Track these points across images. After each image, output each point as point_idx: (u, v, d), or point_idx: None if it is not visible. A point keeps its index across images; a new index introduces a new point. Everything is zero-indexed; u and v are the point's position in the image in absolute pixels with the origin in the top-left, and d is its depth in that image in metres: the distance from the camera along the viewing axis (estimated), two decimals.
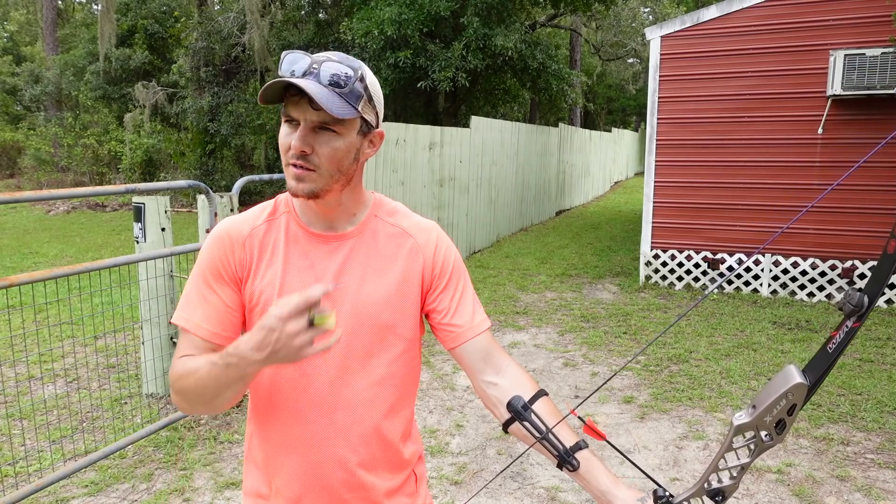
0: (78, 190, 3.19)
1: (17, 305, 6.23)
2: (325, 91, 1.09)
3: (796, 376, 0.99)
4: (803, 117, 6.75)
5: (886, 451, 3.64)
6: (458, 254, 1.34)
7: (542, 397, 1.22)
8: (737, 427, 1.02)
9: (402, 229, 1.29)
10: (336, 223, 1.24)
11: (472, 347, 1.27)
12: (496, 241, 10.79)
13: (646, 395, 4.43)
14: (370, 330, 1.23)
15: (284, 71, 1.12)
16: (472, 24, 10.68)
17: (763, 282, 7.07)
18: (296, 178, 1.15)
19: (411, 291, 1.27)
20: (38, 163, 20.25)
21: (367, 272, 1.24)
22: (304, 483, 1.24)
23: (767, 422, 1.01)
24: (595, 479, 1.15)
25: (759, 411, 1.01)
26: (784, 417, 1.01)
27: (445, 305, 1.28)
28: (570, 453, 1.15)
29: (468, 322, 1.28)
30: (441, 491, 3.26)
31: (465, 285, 1.31)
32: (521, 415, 1.17)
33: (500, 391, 1.24)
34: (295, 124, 1.13)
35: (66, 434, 3.84)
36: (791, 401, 0.99)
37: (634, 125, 34.86)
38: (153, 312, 4.11)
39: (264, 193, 15.39)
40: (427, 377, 4.78)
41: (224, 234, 1.24)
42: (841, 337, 1.01)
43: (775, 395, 1.00)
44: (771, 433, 1.02)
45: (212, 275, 1.22)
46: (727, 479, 1.06)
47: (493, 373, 1.26)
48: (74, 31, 27.60)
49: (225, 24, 14.55)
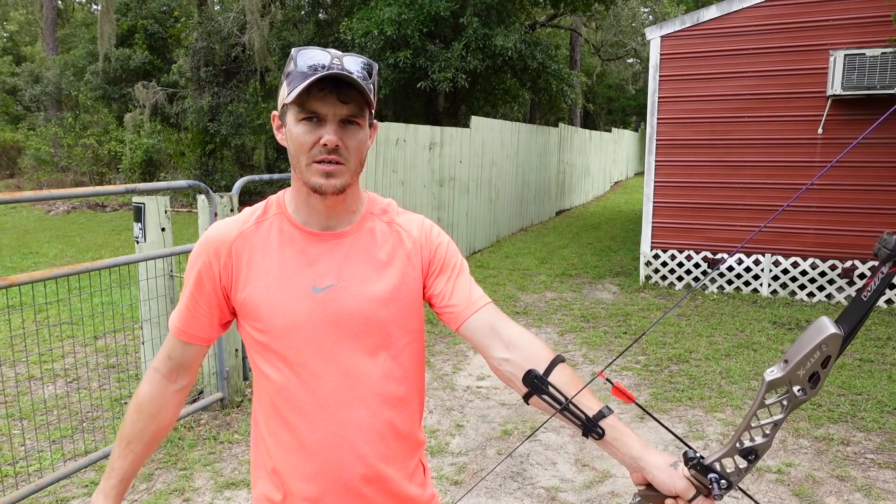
0: (78, 190, 3.19)
1: (17, 305, 6.23)
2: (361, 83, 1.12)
3: (830, 327, 0.94)
4: (803, 117, 6.75)
5: (886, 451, 3.64)
6: (451, 241, 1.35)
7: (559, 364, 1.18)
8: (769, 383, 0.97)
9: (397, 224, 1.30)
10: (335, 221, 1.24)
11: (475, 324, 1.25)
12: (496, 241, 10.79)
13: (646, 395, 4.43)
14: (375, 326, 1.23)
15: (302, 67, 1.11)
16: (472, 24, 10.67)
17: (763, 282, 7.07)
18: (326, 175, 1.15)
19: (412, 284, 1.27)
20: (38, 163, 20.24)
21: (368, 269, 1.24)
22: (324, 483, 1.23)
23: (801, 375, 0.96)
24: (624, 446, 1.10)
25: (792, 365, 0.96)
26: (818, 370, 0.96)
27: (442, 289, 1.28)
28: (594, 422, 1.11)
29: (466, 300, 1.26)
30: (441, 491, 3.25)
31: (460, 268, 1.31)
32: (539, 388, 1.13)
33: (513, 366, 1.20)
34: (316, 121, 1.13)
35: (66, 434, 3.83)
36: (826, 352, 0.95)
37: (634, 125, 34.86)
38: (153, 312, 4.11)
39: (264, 193, 15.38)
40: (427, 377, 4.78)
41: (209, 240, 1.25)
42: (876, 284, 0.96)
43: (809, 348, 0.95)
44: (804, 387, 0.97)
45: (193, 282, 1.26)
46: (760, 437, 1.03)
47: (504, 348, 1.22)
48: (74, 31, 27.61)
49: (225, 24, 14.55)
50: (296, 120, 1.14)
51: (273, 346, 1.22)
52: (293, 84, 1.13)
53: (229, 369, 4.14)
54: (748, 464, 1.03)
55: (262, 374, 1.25)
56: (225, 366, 4.12)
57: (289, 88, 1.14)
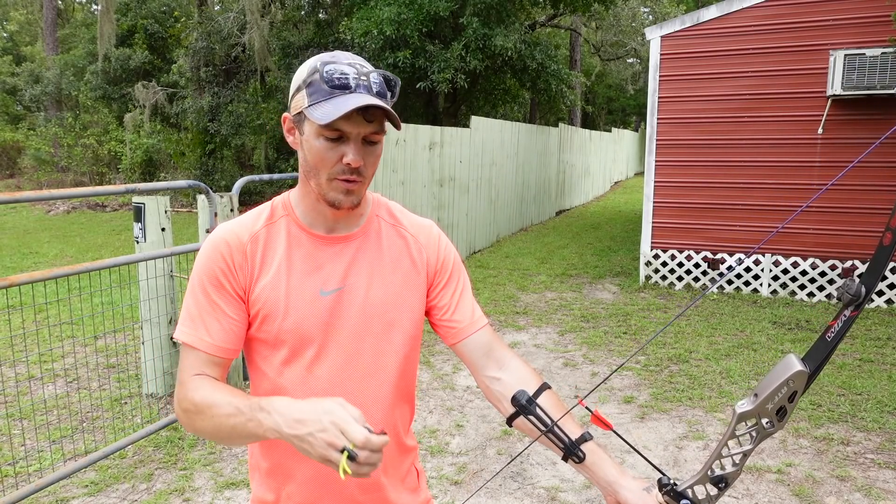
0: (78, 190, 3.19)
1: (17, 305, 6.23)
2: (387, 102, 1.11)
3: (797, 364, 1.02)
4: (803, 117, 6.75)
5: (886, 451, 3.64)
6: (456, 252, 1.36)
7: (546, 391, 1.22)
8: (739, 415, 1.04)
9: (404, 228, 1.30)
10: (342, 224, 1.24)
11: (473, 343, 1.28)
12: (496, 241, 10.79)
13: (646, 395, 4.43)
14: (378, 330, 1.23)
15: (328, 81, 1.09)
16: (472, 24, 10.67)
17: (763, 282, 7.07)
18: (346, 192, 1.14)
19: (416, 289, 1.28)
20: (38, 163, 20.24)
21: (374, 273, 1.24)
22: (318, 488, 1.24)
23: (769, 409, 1.03)
24: (601, 470, 1.15)
25: (761, 399, 1.03)
26: (785, 404, 1.03)
27: (446, 302, 1.29)
28: (575, 445, 1.16)
29: (468, 318, 1.29)
30: (441, 491, 3.26)
31: (464, 283, 1.33)
32: (526, 409, 1.17)
33: (503, 386, 1.25)
34: (339, 139, 1.11)
35: (66, 434, 3.83)
36: (792, 388, 1.02)
37: (634, 125, 34.85)
38: (153, 312, 4.11)
39: (264, 193, 15.38)
40: (427, 377, 4.78)
41: (222, 241, 1.20)
42: (839, 326, 1.03)
43: (777, 383, 1.02)
44: (772, 420, 1.04)
45: (212, 285, 1.18)
46: (730, 465, 1.08)
47: (496, 368, 1.27)
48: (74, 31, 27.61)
49: (225, 24, 14.55)
50: (316, 134, 1.12)
51: (277, 348, 1.21)
52: (315, 97, 1.10)
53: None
54: (718, 491, 1.09)
55: (263, 374, 1.24)
56: None
57: (309, 100, 1.11)
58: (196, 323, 1.17)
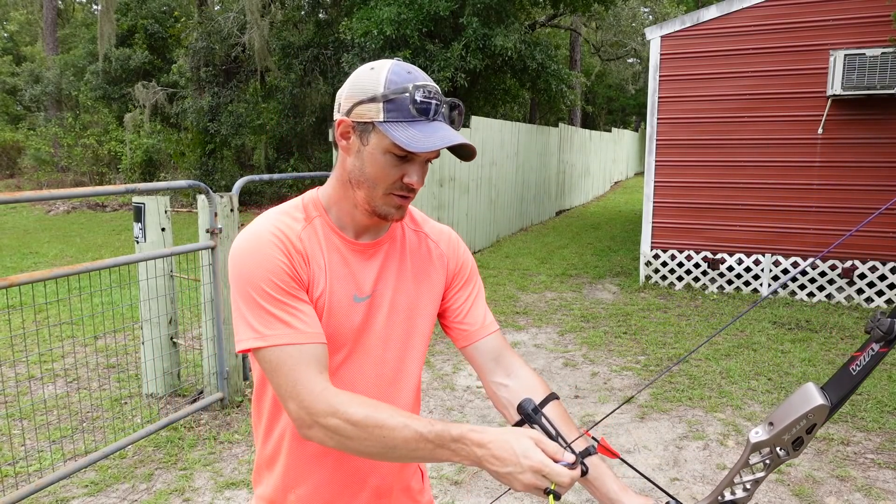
0: (78, 190, 3.19)
1: (17, 305, 6.23)
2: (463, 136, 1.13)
3: (818, 398, 0.97)
4: (803, 117, 6.75)
5: (886, 451, 3.64)
6: (473, 258, 1.38)
7: (553, 401, 1.22)
8: (754, 444, 1.02)
9: (426, 234, 1.32)
10: (372, 230, 1.24)
11: (483, 347, 1.29)
12: (496, 241, 10.79)
13: (646, 395, 4.43)
14: (401, 336, 1.25)
15: (416, 102, 1.08)
16: (472, 24, 10.67)
17: (763, 282, 7.07)
18: (398, 207, 1.16)
19: (434, 296, 1.30)
20: (38, 163, 20.25)
21: (399, 279, 1.25)
22: (335, 492, 1.24)
23: (785, 440, 1.00)
24: (604, 486, 1.15)
25: (777, 430, 1.00)
26: (803, 435, 1.00)
27: (460, 305, 1.31)
28: (580, 458, 1.15)
29: (480, 321, 1.31)
30: (441, 491, 3.26)
31: (479, 288, 1.35)
32: (532, 417, 1.17)
33: (510, 393, 1.26)
34: (404, 158, 1.11)
35: (66, 434, 3.83)
36: (811, 420, 0.98)
37: (634, 125, 34.84)
38: (153, 312, 4.11)
39: (264, 193, 15.39)
40: (427, 377, 4.78)
41: (281, 236, 1.13)
42: (866, 360, 0.99)
43: (795, 416, 0.98)
44: (787, 449, 1.01)
45: (281, 280, 1.10)
46: (741, 491, 1.07)
47: (504, 374, 1.28)
48: (74, 31, 27.63)
49: (225, 24, 14.56)
50: (384, 150, 1.10)
51: None
52: (396, 115, 1.08)
53: (229, 369, 4.15)
54: None
55: None
56: (225, 366, 4.12)
57: (388, 116, 1.08)
58: (282, 320, 1.08)
